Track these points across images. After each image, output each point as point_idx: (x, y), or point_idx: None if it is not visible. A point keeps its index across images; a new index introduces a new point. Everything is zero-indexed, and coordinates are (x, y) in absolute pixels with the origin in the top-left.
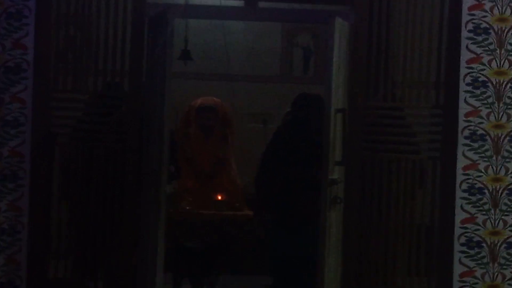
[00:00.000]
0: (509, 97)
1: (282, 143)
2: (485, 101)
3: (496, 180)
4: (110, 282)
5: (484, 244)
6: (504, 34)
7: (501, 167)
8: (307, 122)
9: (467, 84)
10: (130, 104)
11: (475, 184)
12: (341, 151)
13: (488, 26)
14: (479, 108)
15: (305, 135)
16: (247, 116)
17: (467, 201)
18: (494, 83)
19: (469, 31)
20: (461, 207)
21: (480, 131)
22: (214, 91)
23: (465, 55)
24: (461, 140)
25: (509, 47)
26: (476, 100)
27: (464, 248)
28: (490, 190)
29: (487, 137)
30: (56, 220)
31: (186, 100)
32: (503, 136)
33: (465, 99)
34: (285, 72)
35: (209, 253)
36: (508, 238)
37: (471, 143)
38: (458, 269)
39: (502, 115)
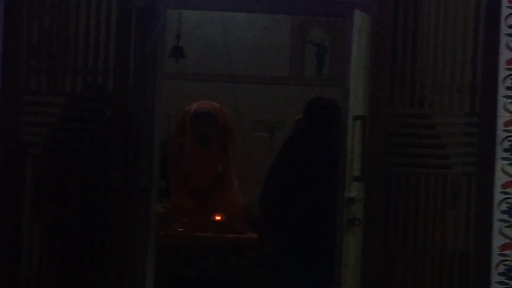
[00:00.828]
0: None
1: (292, 156)
2: None
3: None
4: None
5: None
6: None
7: None
8: (322, 132)
9: (507, 88)
10: (115, 108)
11: None
12: (360, 165)
13: None
14: None
15: (319, 147)
16: (251, 124)
17: (507, 223)
18: None
19: (510, 26)
20: (500, 230)
21: None
22: (213, 94)
23: (504, 55)
24: (500, 153)
25: None
26: None
27: (503, 279)
28: None
29: None
30: (26, 245)
31: (180, 105)
32: None
33: (504, 105)
34: (296, 73)
35: (206, 282)
36: None
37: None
38: None
39: None
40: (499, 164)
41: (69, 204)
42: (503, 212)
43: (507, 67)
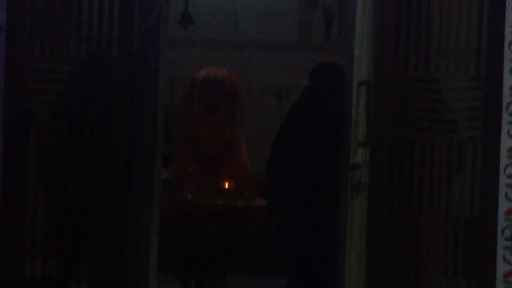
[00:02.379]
0: None
1: (297, 122)
2: None
3: None
4: (95, 282)
5: None
6: None
7: None
8: (327, 97)
9: None
10: (119, 75)
11: None
12: (365, 130)
13: None
14: None
15: (324, 113)
16: (259, 90)
17: None
18: None
19: None
20: (506, 195)
21: None
22: (220, 60)
23: (511, 18)
24: (506, 117)
25: None
26: None
27: (509, 244)
28: None
29: None
30: (31, 210)
31: (187, 71)
32: None
33: (510, 70)
34: (304, 38)
35: (214, 250)
36: None
37: None
38: (502, 268)
39: None
40: (505, 128)
41: (72, 170)
42: (509, 176)
43: None
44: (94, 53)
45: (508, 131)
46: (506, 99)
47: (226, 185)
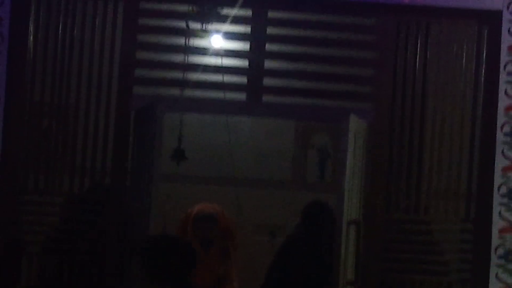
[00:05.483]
0: None
1: (287, 260)
2: None
3: None
4: None
5: None
6: None
7: None
8: (317, 235)
9: (502, 196)
10: (112, 210)
11: None
12: (354, 270)
13: None
14: None
15: (314, 251)
16: (253, 228)
17: None
18: None
19: (506, 134)
20: None
21: None
22: (214, 197)
23: (500, 162)
24: (495, 260)
25: None
26: None
27: None
28: None
29: None
30: None
31: (181, 207)
32: None
33: (499, 213)
34: (298, 177)
35: None
36: None
37: (506, 264)
38: None
39: None
40: (494, 271)
41: None
42: None
43: (503, 174)
44: (95, 188)
45: (497, 273)
46: (495, 242)
47: None
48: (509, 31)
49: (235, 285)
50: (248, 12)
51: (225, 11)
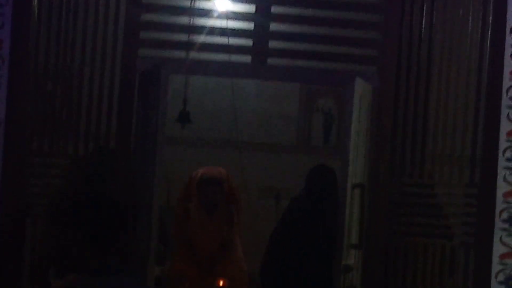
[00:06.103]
0: None
1: (292, 224)
2: None
3: None
4: None
5: None
6: None
7: None
8: (322, 200)
9: (507, 160)
10: (116, 173)
11: None
12: (358, 233)
13: None
14: None
15: (319, 215)
16: (257, 191)
17: None
18: None
19: (511, 98)
20: None
21: None
22: (219, 160)
23: (505, 126)
24: (499, 224)
25: None
26: None
27: None
28: None
29: None
30: None
31: (185, 171)
32: None
33: (504, 177)
34: (303, 141)
35: None
36: None
37: (510, 228)
38: None
39: None
40: (498, 235)
41: (67, 266)
42: (500, 283)
43: (508, 139)
44: (99, 151)
45: (501, 237)
46: (499, 206)
47: (221, 283)
48: None
49: (239, 249)
50: None
51: None
